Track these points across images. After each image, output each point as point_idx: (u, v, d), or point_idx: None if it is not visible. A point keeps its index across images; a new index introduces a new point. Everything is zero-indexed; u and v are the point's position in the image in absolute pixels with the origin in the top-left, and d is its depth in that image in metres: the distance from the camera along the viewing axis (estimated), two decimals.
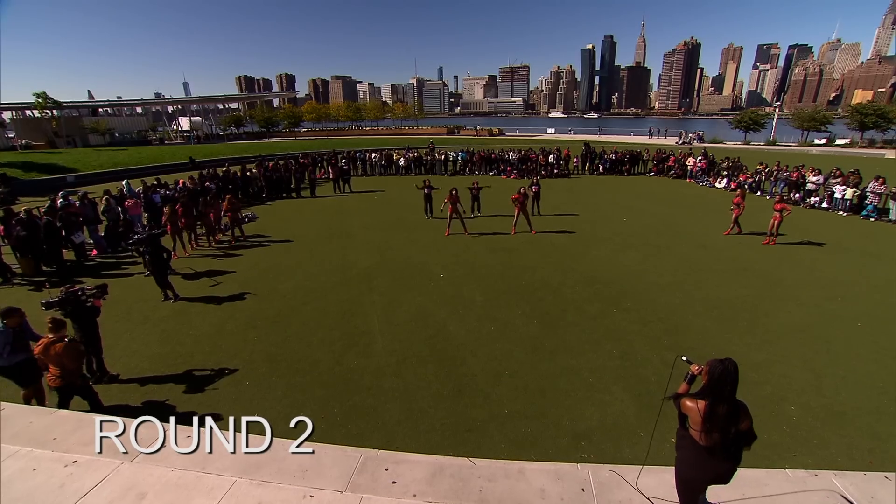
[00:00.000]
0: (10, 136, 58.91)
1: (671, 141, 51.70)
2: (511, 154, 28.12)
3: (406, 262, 11.22)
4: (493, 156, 28.45)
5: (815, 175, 17.44)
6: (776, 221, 12.02)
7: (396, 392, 6.08)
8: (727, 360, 3.03)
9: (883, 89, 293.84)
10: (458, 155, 28.84)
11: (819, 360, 6.68)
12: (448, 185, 14.68)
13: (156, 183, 17.14)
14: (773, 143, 46.12)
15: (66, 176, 28.42)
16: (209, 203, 13.44)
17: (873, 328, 7.60)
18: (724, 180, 21.40)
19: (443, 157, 28.60)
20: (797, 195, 17.77)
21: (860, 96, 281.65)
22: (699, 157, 23.86)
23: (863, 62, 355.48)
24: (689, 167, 24.12)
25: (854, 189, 15.65)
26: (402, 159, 28.37)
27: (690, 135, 51.74)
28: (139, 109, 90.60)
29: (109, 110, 77.27)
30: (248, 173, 20.83)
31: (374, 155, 29.07)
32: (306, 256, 11.98)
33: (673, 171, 25.21)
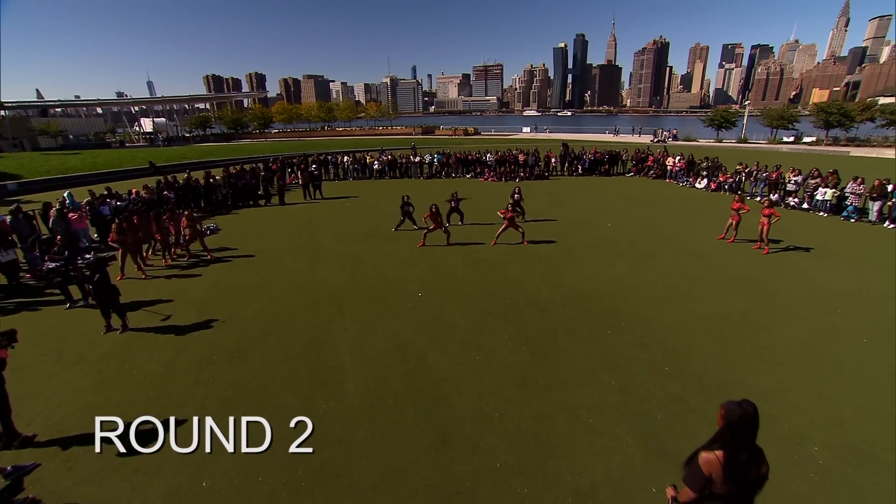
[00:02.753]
0: None
1: (646, 139, 52.23)
2: (489, 155, 27.46)
3: (380, 279, 10.34)
4: (469, 157, 27.74)
5: (794, 175, 17.38)
6: (765, 227, 11.67)
7: (371, 445, 5.24)
8: (745, 403, 2.66)
9: (838, 88, 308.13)
10: (433, 157, 28.02)
11: (832, 386, 6.17)
12: (425, 189, 13.82)
13: (105, 193, 15.70)
14: (745, 141, 47.11)
15: (6, 184, 26.22)
16: (164, 217, 12.18)
17: (879, 345, 7.18)
18: (705, 181, 21.27)
19: (418, 159, 27.69)
20: (776, 195, 17.68)
21: (818, 95, 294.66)
22: (678, 158, 23.72)
23: (819, 62, 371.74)
24: (668, 167, 23.97)
25: (833, 190, 15.59)
26: (375, 162, 27.36)
27: (664, 133, 52.39)
28: (99, 110, 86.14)
29: (63, 111, 72.98)
30: (211, 180, 19.48)
31: (346, 158, 27.95)
32: (272, 274, 10.96)
33: (652, 172, 25.05)
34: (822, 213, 15.89)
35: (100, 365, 7.03)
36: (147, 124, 77.59)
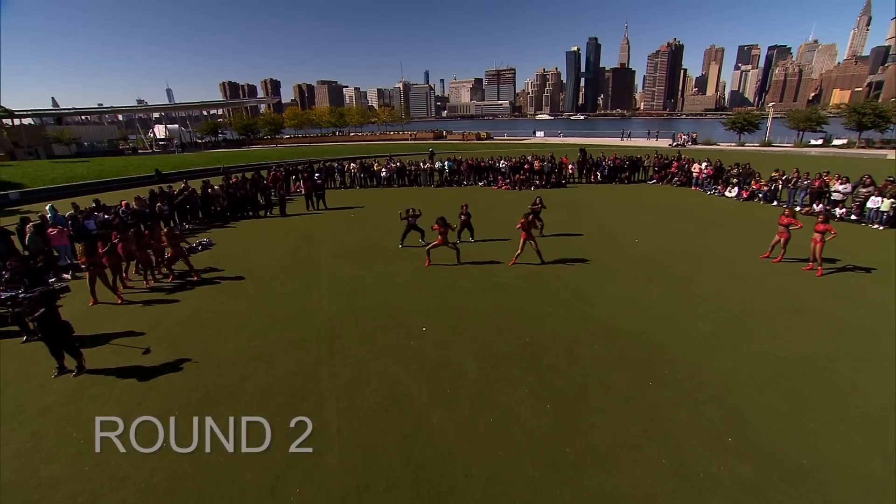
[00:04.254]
0: None
1: (663, 143, 50.41)
2: (502, 162, 26.14)
3: (380, 309, 9.08)
4: (482, 164, 26.46)
5: (841, 183, 15.71)
6: (818, 246, 10.16)
7: None
8: None
9: (860, 88, 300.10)
10: (444, 164, 26.79)
11: None
12: (435, 198, 12.56)
13: (93, 205, 14.78)
14: (769, 145, 45.00)
15: (8, 193, 25.66)
16: (145, 233, 11.11)
17: None
18: (735, 189, 19.65)
19: (427, 167, 26.47)
20: (821, 206, 16.05)
21: (838, 96, 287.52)
22: (704, 164, 22.11)
23: (839, 62, 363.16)
24: (694, 174, 22.37)
25: (892, 200, 13.91)
26: (383, 170, 26.24)
27: (683, 136, 50.48)
28: (120, 117, 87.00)
29: (79, 118, 73.67)
30: (209, 190, 18.52)
31: (352, 165, 26.88)
32: (260, 300, 9.78)
33: (676, 179, 23.46)
34: (877, 226, 14.21)
35: (37, 422, 5.88)
36: (160, 131, 77.99)
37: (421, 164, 26.80)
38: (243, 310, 9.28)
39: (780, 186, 18.22)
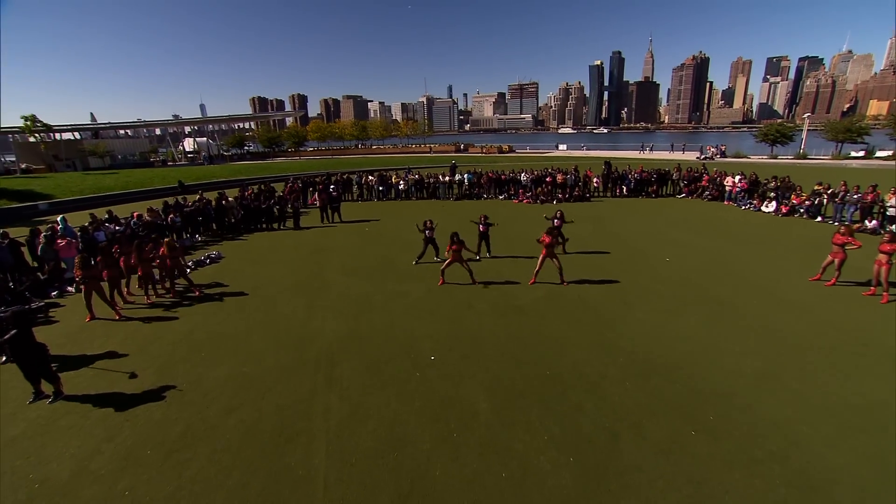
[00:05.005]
0: (10, 159, 57.98)
1: (689, 156, 48.68)
2: (523, 175, 25.33)
3: (386, 333, 8.34)
4: (503, 177, 25.68)
5: None
6: (884, 268, 8.96)
7: None
8: None
9: None
10: (464, 176, 26.13)
11: None
12: (454, 212, 11.87)
13: (106, 216, 14.63)
14: (804, 157, 42.85)
15: (38, 203, 26.27)
16: (146, 247, 10.69)
17: None
18: (773, 203, 18.30)
19: (447, 179, 25.86)
20: (873, 222, 14.64)
21: (875, 107, 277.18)
22: (738, 177, 20.79)
23: (876, 73, 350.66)
24: (727, 188, 21.04)
25: None
26: (401, 182, 25.76)
27: (712, 149, 48.67)
28: (158, 131, 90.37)
29: (114, 132, 76.58)
30: (224, 201, 18.30)
31: (370, 178, 26.51)
32: (260, 320, 9.18)
33: (708, 193, 22.15)
34: None
35: None
36: (189, 144, 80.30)
37: (440, 176, 26.23)
38: (241, 330, 8.68)
39: (826, 201, 16.81)
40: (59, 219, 13.53)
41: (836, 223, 15.23)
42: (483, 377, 6.69)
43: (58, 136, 65.87)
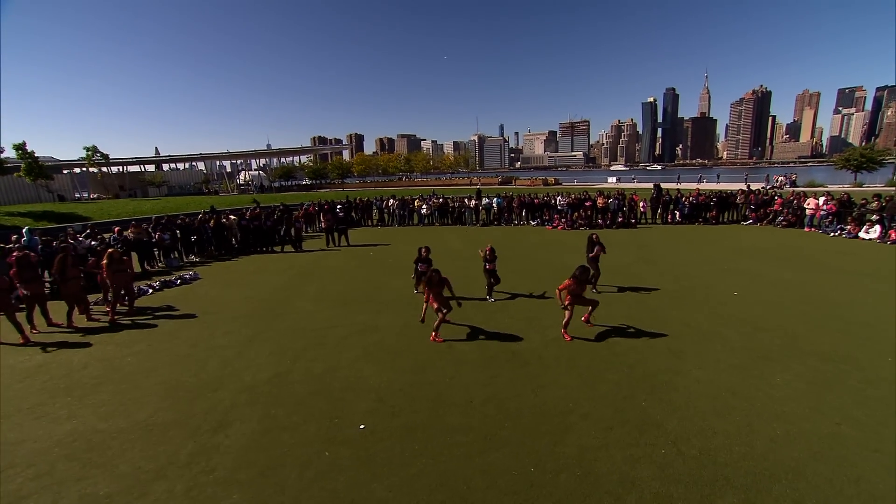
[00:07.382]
0: (82, 194, 62.87)
1: (755, 187, 43.64)
2: (559, 199, 22.60)
3: (321, 381, 5.93)
4: (535, 201, 23.07)
5: None
6: None
7: None
8: None
9: None
10: (492, 200, 23.74)
11: None
12: (473, 239, 9.44)
13: (87, 231, 13.58)
14: None
15: (72, 225, 26.81)
16: (102, 263, 9.11)
17: None
18: (877, 227, 14.43)
19: (473, 204, 23.65)
20: None
21: None
22: (823, 199, 17.02)
23: None
24: (808, 212, 17.26)
25: None
26: (423, 206, 23.84)
27: (780, 178, 43.48)
28: (227, 165, 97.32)
29: (171, 165, 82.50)
30: (223, 220, 17.08)
31: (391, 201, 24.83)
32: (180, 353, 7.10)
33: (782, 218, 18.38)
34: None
35: None
36: (243, 176, 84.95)
37: (465, 199, 24.12)
38: (145, 368, 6.61)
39: None
40: (24, 230, 12.56)
41: None
42: (421, 471, 4.08)
43: (124, 168, 71.82)
